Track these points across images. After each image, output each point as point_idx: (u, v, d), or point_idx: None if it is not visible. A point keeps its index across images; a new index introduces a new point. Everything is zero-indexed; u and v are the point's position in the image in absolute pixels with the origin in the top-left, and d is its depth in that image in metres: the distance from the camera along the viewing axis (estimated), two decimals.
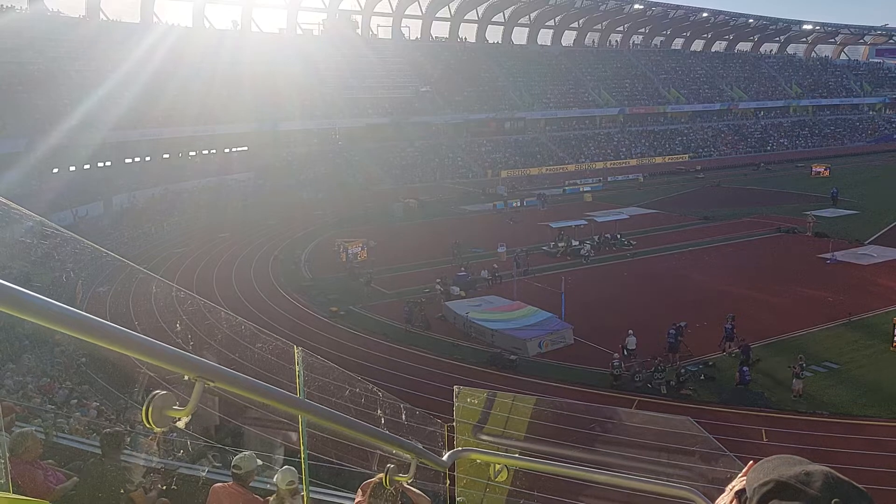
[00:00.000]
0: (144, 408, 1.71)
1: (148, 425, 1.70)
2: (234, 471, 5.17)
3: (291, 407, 2.57)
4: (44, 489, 5.34)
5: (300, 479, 4.98)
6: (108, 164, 56.24)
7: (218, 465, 7.13)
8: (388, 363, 24.34)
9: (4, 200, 2.26)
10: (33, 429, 6.51)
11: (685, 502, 3.08)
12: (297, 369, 3.50)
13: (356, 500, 4.82)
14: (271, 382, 2.21)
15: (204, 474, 6.38)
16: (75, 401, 15.83)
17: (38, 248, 38.56)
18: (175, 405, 1.75)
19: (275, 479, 5.18)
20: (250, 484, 5.26)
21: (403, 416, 4.54)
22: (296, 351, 3.50)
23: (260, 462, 5.26)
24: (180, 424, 1.76)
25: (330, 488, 6.03)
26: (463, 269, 34.95)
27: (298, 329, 28.23)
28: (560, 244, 40.80)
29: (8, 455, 5.55)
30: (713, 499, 2.40)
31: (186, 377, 1.79)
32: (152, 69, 59.51)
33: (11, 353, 19.30)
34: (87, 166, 53.96)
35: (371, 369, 23.60)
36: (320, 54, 79.81)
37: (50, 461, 6.08)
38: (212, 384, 1.80)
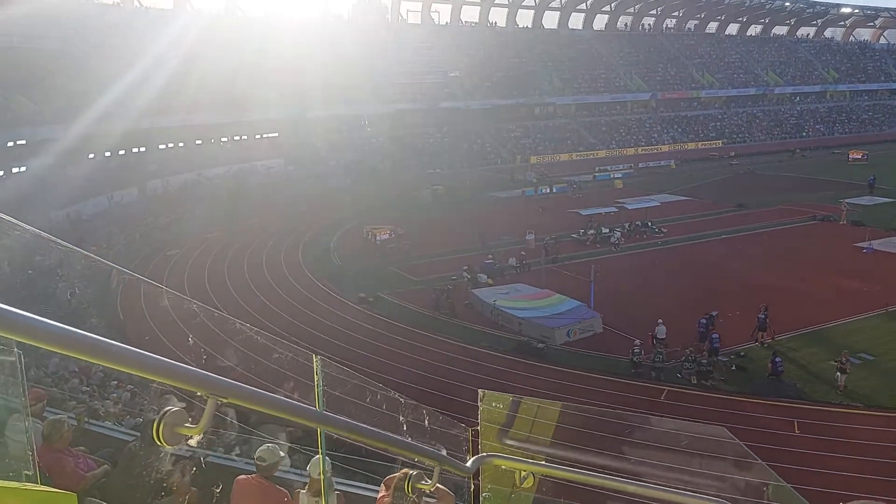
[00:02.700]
0: (155, 424, 1.67)
1: (159, 443, 1.66)
2: (258, 462, 5.16)
3: (311, 421, 2.52)
4: (74, 477, 5.39)
5: (325, 469, 4.95)
6: (142, 149, 57.03)
7: (239, 454, 7.18)
8: (415, 350, 24.43)
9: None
10: (65, 416, 6.58)
11: None
12: (316, 379, 3.44)
13: (380, 495, 4.78)
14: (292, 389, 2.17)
15: (232, 462, 6.42)
16: (115, 382, 16.05)
17: (72, 233, 39.28)
18: (187, 422, 1.72)
19: (308, 469, 5.16)
20: (274, 475, 5.26)
21: (426, 422, 4.48)
22: (314, 360, 3.45)
23: (283, 454, 5.24)
24: (192, 442, 1.72)
25: (353, 480, 6.04)
26: (490, 256, 34.83)
27: (328, 315, 28.45)
28: (590, 231, 40.46)
29: (41, 443, 5.64)
30: None
31: (199, 394, 1.75)
32: (185, 55, 59.92)
33: None
34: (122, 152, 54.75)
35: (398, 355, 23.73)
36: (349, 40, 79.72)
37: (81, 448, 6.14)
38: (224, 401, 1.76)
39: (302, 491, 5.10)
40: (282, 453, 5.19)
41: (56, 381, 14.34)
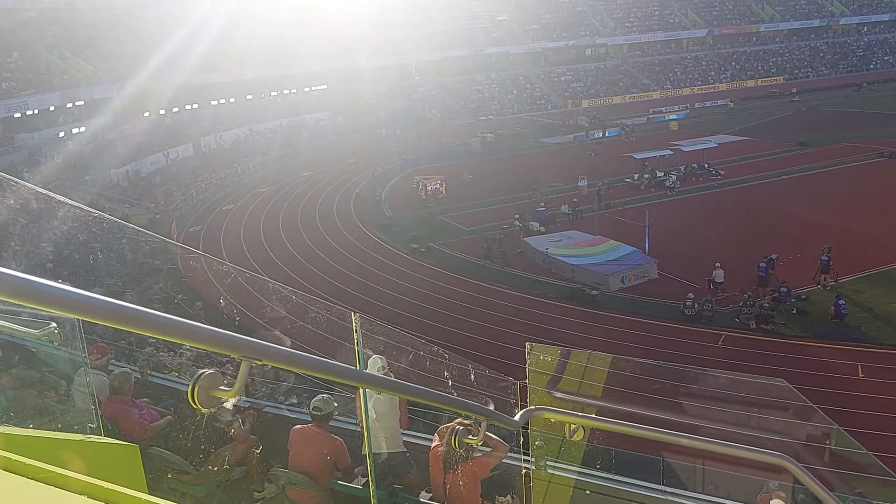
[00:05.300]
0: (190, 388, 1.67)
1: (194, 406, 1.66)
2: (314, 412, 5.28)
3: (350, 380, 2.50)
4: (139, 427, 5.60)
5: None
6: (195, 106, 57.81)
7: (293, 401, 7.34)
8: (467, 299, 24.53)
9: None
10: (128, 368, 6.82)
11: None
12: (355, 337, 3.41)
13: (433, 444, 4.84)
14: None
15: (288, 413, 6.57)
16: None
17: (132, 190, 40.30)
18: (222, 385, 1.70)
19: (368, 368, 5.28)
20: (329, 424, 5.38)
21: (472, 375, 4.45)
22: (353, 318, 3.40)
23: (336, 404, 5.35)
24: (228, 406, 1.71)
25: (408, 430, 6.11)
26: (542, 204, 34.44)
27: (381, 266, 28.73)
28: (644, 176, 39.54)
29: (107, 394, 5.87)
30: (805, 460, 2.22)
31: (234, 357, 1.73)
32: (231, 9, 60.00)
33: (114, 291, 20.36)
34: (175, 109, 55.65)
35: (451, 304, 23.89)
36: None
37: (145, 399, 6.36)
38: (259, 363, 1.74)
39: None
40: (335, 403, 5.31)
41: (122, 335, 14.87)
